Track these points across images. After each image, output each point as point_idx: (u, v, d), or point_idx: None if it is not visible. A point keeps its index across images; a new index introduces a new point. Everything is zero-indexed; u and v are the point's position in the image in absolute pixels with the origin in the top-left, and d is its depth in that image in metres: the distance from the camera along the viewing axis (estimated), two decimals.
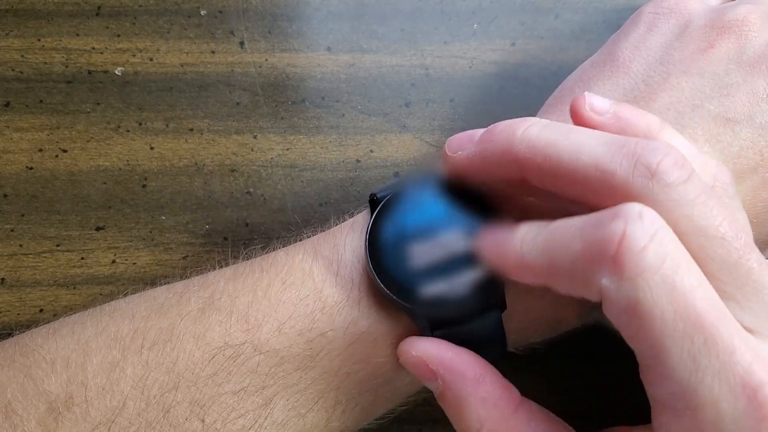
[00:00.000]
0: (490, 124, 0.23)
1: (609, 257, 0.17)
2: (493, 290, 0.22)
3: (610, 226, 0.17)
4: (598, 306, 0.25)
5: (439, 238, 0.22)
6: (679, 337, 0.17)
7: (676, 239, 0.17)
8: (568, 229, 0.18)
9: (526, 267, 0.19)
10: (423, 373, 0.21)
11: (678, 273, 0.17)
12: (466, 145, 0.22)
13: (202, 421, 0.21)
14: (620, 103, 0.21)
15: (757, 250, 0.19)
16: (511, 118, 0.21)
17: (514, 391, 0.21)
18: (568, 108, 0.21)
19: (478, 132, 0.22)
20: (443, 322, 0.22)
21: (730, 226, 0.18)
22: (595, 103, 0.21)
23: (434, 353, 0.21)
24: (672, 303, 0.17)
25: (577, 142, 0.19)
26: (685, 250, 0.17)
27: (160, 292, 0.24)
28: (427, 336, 0.22)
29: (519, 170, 0.20)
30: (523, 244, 0.19)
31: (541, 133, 0.20)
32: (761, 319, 0.18)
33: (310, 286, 0.23)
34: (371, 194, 0.23)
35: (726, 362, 0.17)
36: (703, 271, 0.18)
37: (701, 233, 0.18)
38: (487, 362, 0.21)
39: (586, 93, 0.21)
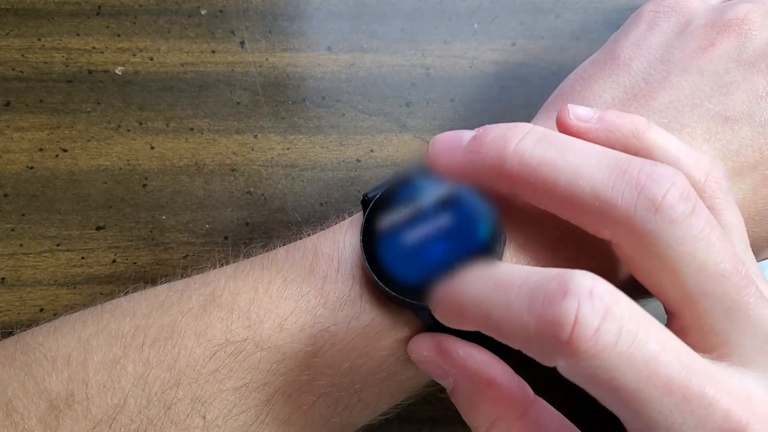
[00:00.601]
0: (490, 124, 0.23)
1: (563, 343, 0.16)
2: None
3: (562, 306, 0.16)
4: None
5: (431, 231, 0.22)
6: (648, 401, 0.17)
7: (631, 304, 0.17)
8: (516, 287, 0.17)
9: (462, 315, 0.19)
10: (434, 371, 0.21)
11: (635, 344, 0.16)
12: (453, 149, 0.21)
13: (204, 417, 0.21)
14: (603, 109, 0.21)
15: (755, 281, 0.19)
16: (511, 119, 0.21)
17: (527, 390, 0.21)
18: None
19: (466, 135, 0.21)
20: None
21: (731, 261, 0.18)
22: (579, 111, 0.21)
23: (445, 351, 0.21)
24: (634, 373, 0.16)
25: (575, 164, 0.19)
26: (640, 315, 0.17)
27: (161, 290, 0.24)
28: (432, 330, 0.22)
29: (510, 186, 0.20)
30: (463, 291, 0.19)
31: (535, 150, 0.19)
32: (751, 353, 0.18)
33: (311, 283, 0.23)
34: (363, 195, 0.24)
35: (703, 416, 0.17)
36: (698, 306, 0.18)
37: (701, 270, 0.18)
38: (499, 359, 0.21)
39: (569, 104, 0.21)
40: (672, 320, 0.20)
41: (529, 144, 0.19)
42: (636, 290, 0.20)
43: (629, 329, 0.16)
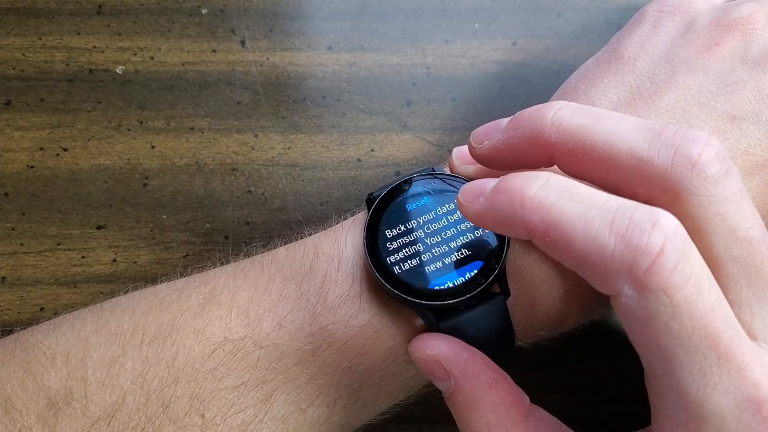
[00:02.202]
0: None
1: (641, 270, 0.16)
2: (492, 274, 0.22)
3: (651, 234, 0.16)
4: (604, 305, 0.25)
5: (435, 230, 0.22)
6: (693, 352, 0.17)
7: (701, 258, 0.17)
8: (596, 206, 0.17)
9: (536, 211, 0.18)
10: (436, 372, 0.21)
11: (701, 292, 0.17)
12: (492, 134, 0.21)
13: (202, 416, 0.21)
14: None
15: None
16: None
17: (525, 398, 0.21)
18: None
19: (504, 121, 0.21)
20: (447, 313, 0.22)
21: (759, 230, 0.18)
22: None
23: (449, 353, 0.21)
24: (691, 321, 0.16)
25: (612, 128, 0.19)
26: (707, 269, 0.17)
27: (161, 289, 0.24)
28: (433, 330, 0.22)
29: (549, 156, 0.20)
30: (539, 190, 0.18)
31: (572, 118, 0.19)
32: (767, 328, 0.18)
33: (310, 281, 0.23)
34: (369, 194, 0.24)
35: (736, 379, 0.17)
36: (723, 272, 0.18)
37: (730, 233, 0.18)
38: (500, 368, 0.21)
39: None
40: None
41: (567, 114, 0.20)
42: None
43: (699, 276, 0.17)
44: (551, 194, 0.18)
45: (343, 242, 0.23)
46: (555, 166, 0.20)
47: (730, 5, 0.26)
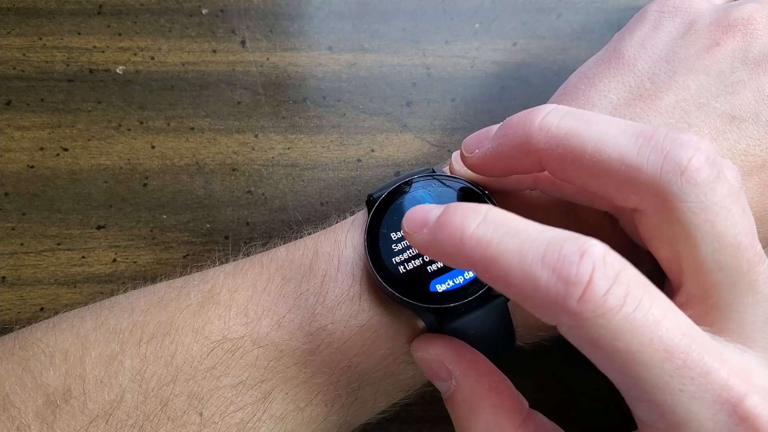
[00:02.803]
0: (491, 124, 0.23)
1: (573, 300, 0.16)
2: None
3: (579, 265, 0.16)
4: None
5: None
6: (649, 366, 0.17)
7: (636, 273, 0.17)
8: (529, 240, 0.17)
9: (475, 249, 0.18)
10: (437, 372, 0.21)
11: (640, 309, 0.16)
12: (482, 142, 0.21)
13: (200, 414, 0.21)
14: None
15: (766, 260, 0.19)
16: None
17: (524, 402, 0.21)
18: (571, 105, 0.21)
19: (494, 128, 0.21)
20: (448, 315, 0.22)
21: (747, 235, 0.18)
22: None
23: (452, 354, 0.21)
24: (637, 337, 0.16)
25: (601, 132, 0.19)
26: (646, 284, 0.17)
27: (160, 288, 0.24)
28: (434, 331, 0.22)
29: (539, 162, 0.20)
30: (478, 227, 0.18)
31: (561, 123, 0.19)
32: (751, 330, 0.19)
33: (310, 281, 0.23)
34: (369, 195, 0.24)
35: (701, 383, 0.17)
36: (707, 278, 0.18)
37: (718, 240, 0.18)
38: (501, 372, 0.21)
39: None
40: (675, 295, 0.20)
41: (555, 118, 0.20)
42: None
43: (635, 294, 0.17)
44: (488, 230, 0.17)
45: (343, 242, 0.23)
46: (545, 172, 0.20)
47: (730, 6, 0.26)
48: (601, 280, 0.16)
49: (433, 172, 0.24)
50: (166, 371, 0.21)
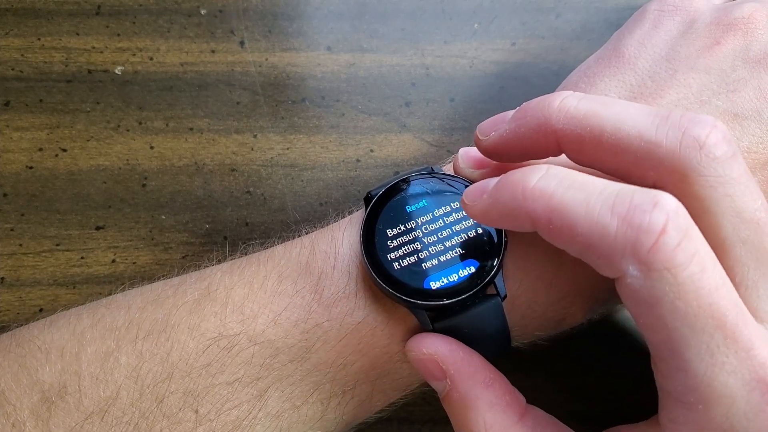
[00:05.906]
0: None
1: (644, 249, 0.16)
2: (488, 275, 0.22)
3: (651, 214, 0.17)
4: (603, 304, 0.25)
5: (433, 230, 0.22)
6: (699, 332, 0.17)
7: (702, 237, 0.17)
8: (596, 192, 0.17)
9: (538, 200, 0.18)
10: (432, 371, 0.21)
11: (705, 270, 0.17)
12: (499, 125, 0.21)
13: (196, 411, 0.21)
14: None
15: None
16: None
17: (521, 398, 0.21)
18: None
19: (510, 112, 0.21)
20: (442, 313, 0.22)
21: (766, 212, 0.18)
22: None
23: (446, 352, 0.21)
24: (696, 300, 0.16)
25: (619, 113, 0.19)
26: (709, 248, 0.17)
27: (157, 286, 0.24)
28: (428, 329, 0.22)
29: (556, 144, 0.20)
30: (540, 180, 0.18)
31: (579, 104, 0.19)
32: None
33: (306, 279, 0.23)
34: (367, 192, 0.24)
35: (744, 358, 0.17)
36: (730, 254, 0.18)
37: (737, 215, 0.18)
38: (496, 368, 0.21)
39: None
40: None
41: (573, 101, 0.20)
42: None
43: (701, 254, 0.17)
44: (552, 183, 0.18)
45: (339, 240, 0.23)
46: (561, 156, 0.20)
47: (730, 5, 0.26)
48: (674, 231, 0.16)
49: (432, 170, 0.24)
50: (161, 368, 0.21)
